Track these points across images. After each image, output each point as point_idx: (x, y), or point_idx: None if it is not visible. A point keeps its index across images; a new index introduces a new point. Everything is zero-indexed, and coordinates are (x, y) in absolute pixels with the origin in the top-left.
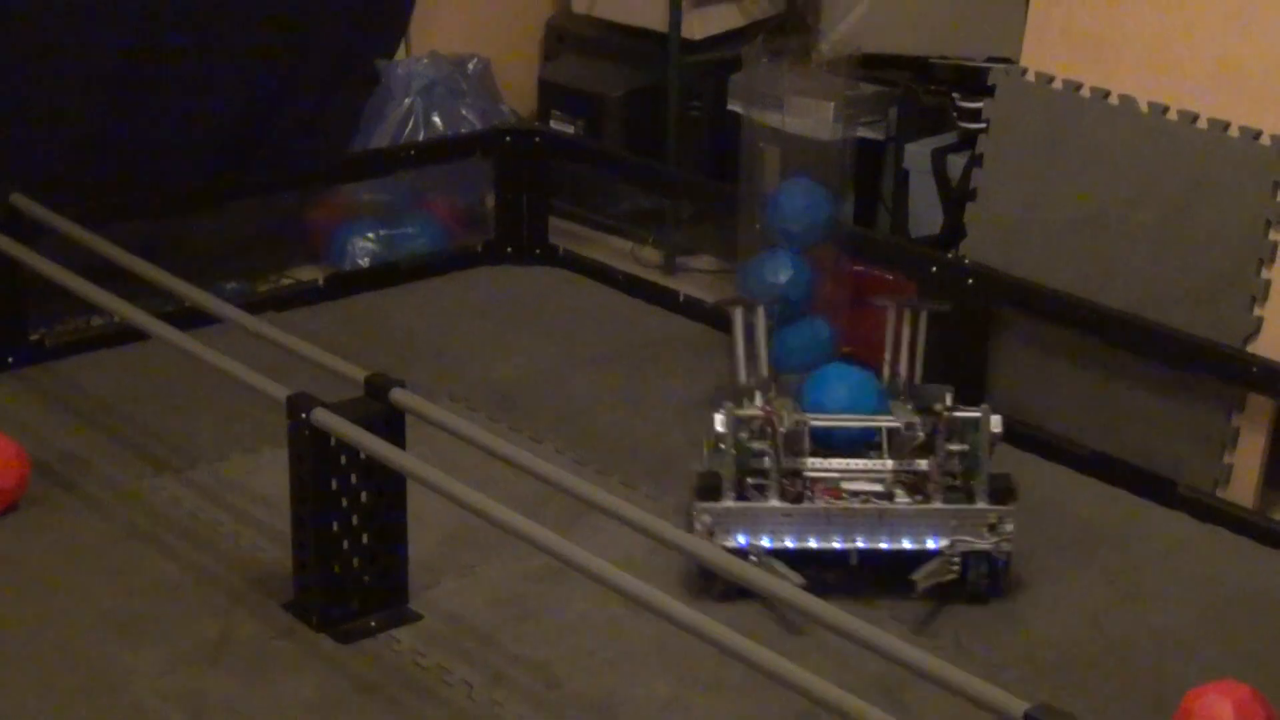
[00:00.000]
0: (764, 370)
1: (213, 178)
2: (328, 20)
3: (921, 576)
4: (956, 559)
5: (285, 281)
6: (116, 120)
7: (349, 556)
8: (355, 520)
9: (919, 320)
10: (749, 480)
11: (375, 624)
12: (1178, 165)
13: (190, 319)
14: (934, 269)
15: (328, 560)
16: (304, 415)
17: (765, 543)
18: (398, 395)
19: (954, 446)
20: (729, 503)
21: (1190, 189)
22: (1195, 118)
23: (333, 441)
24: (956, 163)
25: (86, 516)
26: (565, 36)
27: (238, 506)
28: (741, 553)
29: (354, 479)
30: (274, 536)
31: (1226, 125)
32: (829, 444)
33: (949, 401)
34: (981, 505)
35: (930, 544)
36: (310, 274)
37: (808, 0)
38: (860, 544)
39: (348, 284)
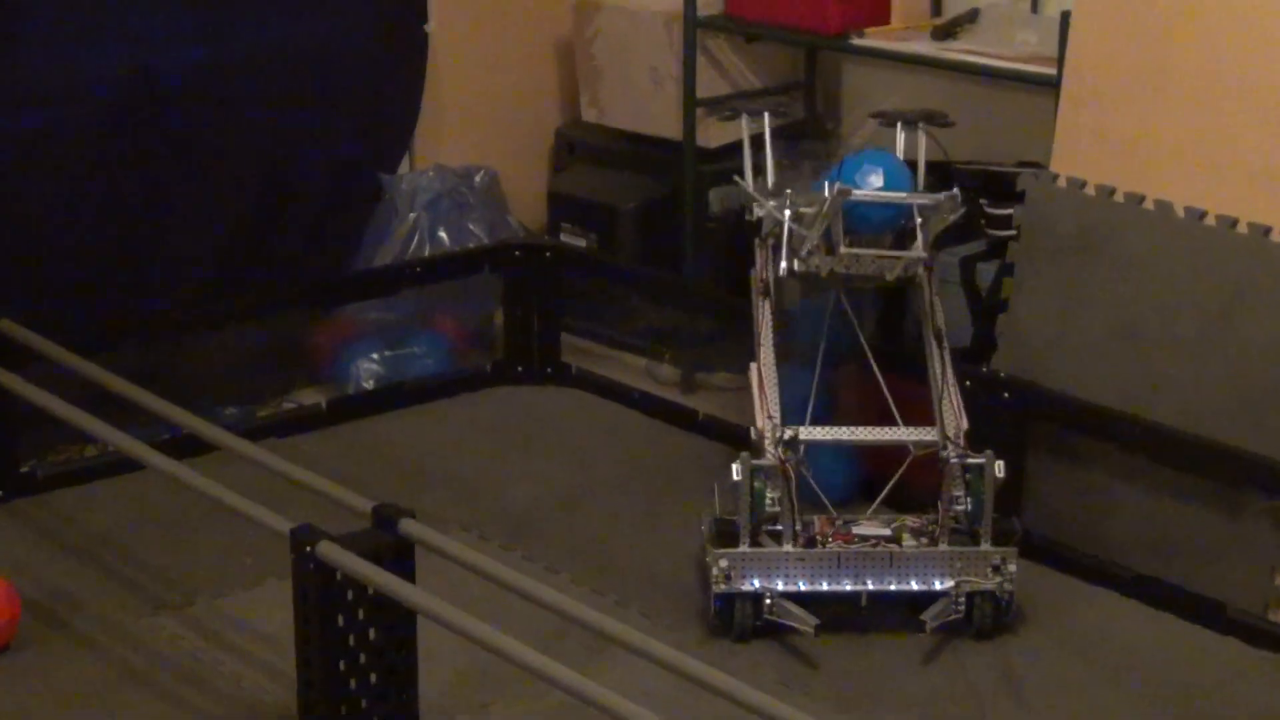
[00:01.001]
0: (770, 181)
1: (209, 299)
2: (328, 132)
3: (930, 616)
4: (961, 599)
5: (287, 406)
6: (107, 241)
7: (357, 698)
8: (363, 659)
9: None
10: (764, 526)
11: None
12: (1218, 272)
13: (188, 447)
14: (966, 383)
15: (335, 702)
16: (309, 549)
17: (779, 585)
18: (407, 526)
19: (958, 492)
20: (744, 548)
21: (1232, 297)
22: (1235, 223)
23: (339, 576)
24: (986, 272)
25: (80, 658)
26: (575, 146)
27: (240, 645)
28: (756, 596)
29: (362, 615)
30: (278, 677)
31: (1268, 230)
32: (865, 225)
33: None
34: (985, 547)
35: (937, 585)
36: (313, 398)
37: (827, 105)
38: (870, 586)
39: (352, 408)
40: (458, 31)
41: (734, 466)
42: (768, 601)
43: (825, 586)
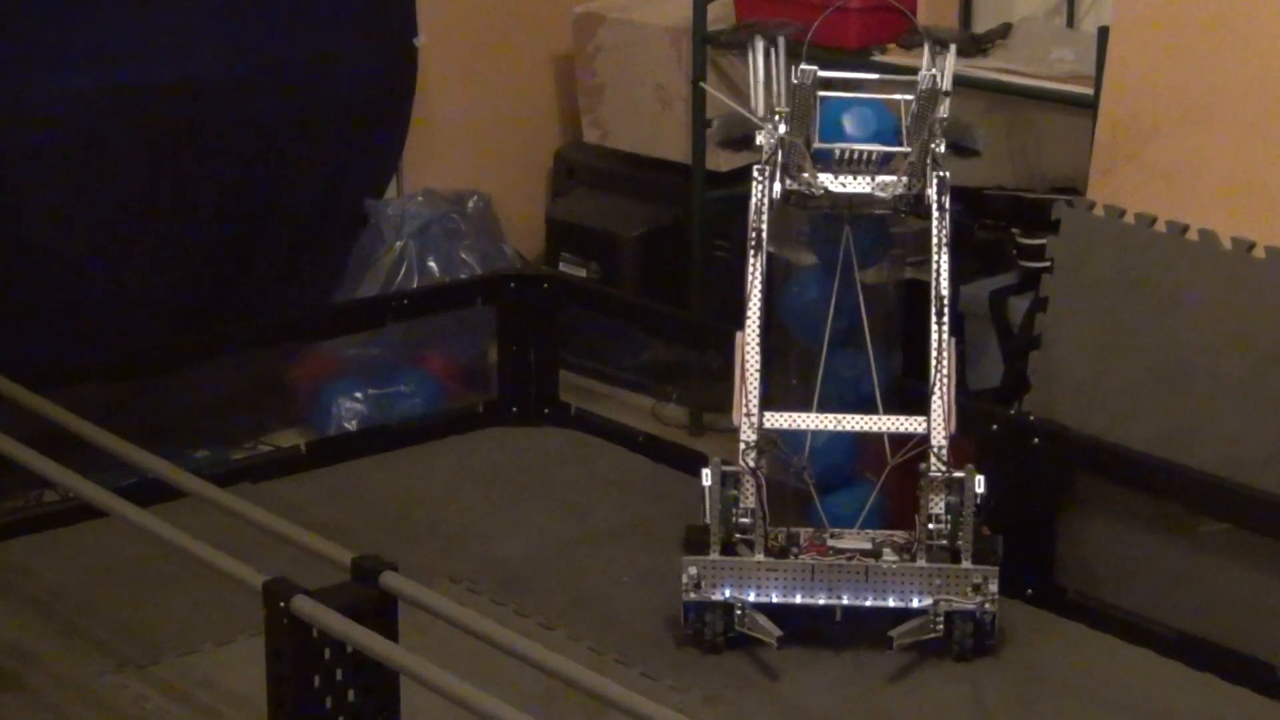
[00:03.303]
0: (776, 100)
1: (180, 333)
2: (310, 154)
3: (899, 634)
4: (940, 618)
5: (262, 448)
6: (68, 268)
7: None
8: None
9: None
10: (737, 535)
11: None
12: (1267, 309)
13: (155, 493)
14: (994, 426)
15: None
16: (283, 604)
17: (750, 596)
18: (389, 579)
19: (937, 510)
20: (714, 556)
21: None
22: None
23: (316, 633)
24: (1018, 306)
25: None
26: (576, 170)
27: (209, 706)
28: (726, 605)
29: (340, 675)
30: None
31: None
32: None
33: None
34: (966, 565)
35: (915, 602)
36: (290, 439)
37: None
38: (845, 600)
39: (333, 450)
40: (450, 45)
41: (704, 471)
42: (738, 612)
43: (798, 599)
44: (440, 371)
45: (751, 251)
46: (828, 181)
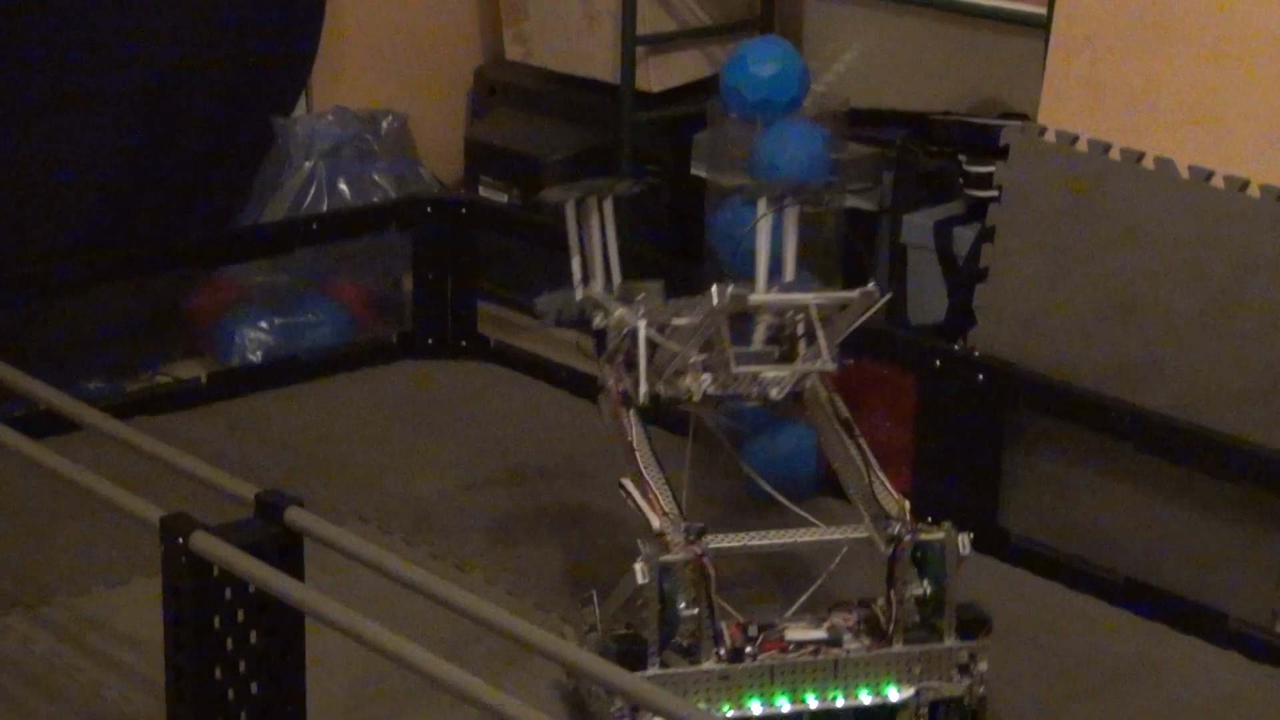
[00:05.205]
0: (615, 274)
1: (74, 257)
2: (212, 69)
3: None
4: (924, 710)
5: (161, 380)
6: None
7: (235, 710)
8: (243, 666)
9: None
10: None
11: None
12: (1225, 241)
13: (45, 425)
14: (937, 362)
15: (210, 715)
16: (181, 540)
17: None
18: (294, 516)
19: (914, 588)
20: (654, 671)
21: (1240, 268)
22: (1245, 184)
23: (216, 571)
24: (964, 237)
25: None
26: (497, 89)
27: (101, 650)
28: None
29: (241, 616)
30: (145, 686)
31: None
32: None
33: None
34: (950, 643)
35: (892, 695)
36: (191, 370)
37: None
38: (812, 704)
39: (236, 383)
40: None
41: (637, 568)
42: None
43: (758, 710)
44: (351, 300)
45: (621, 410)
46: (713, 385)
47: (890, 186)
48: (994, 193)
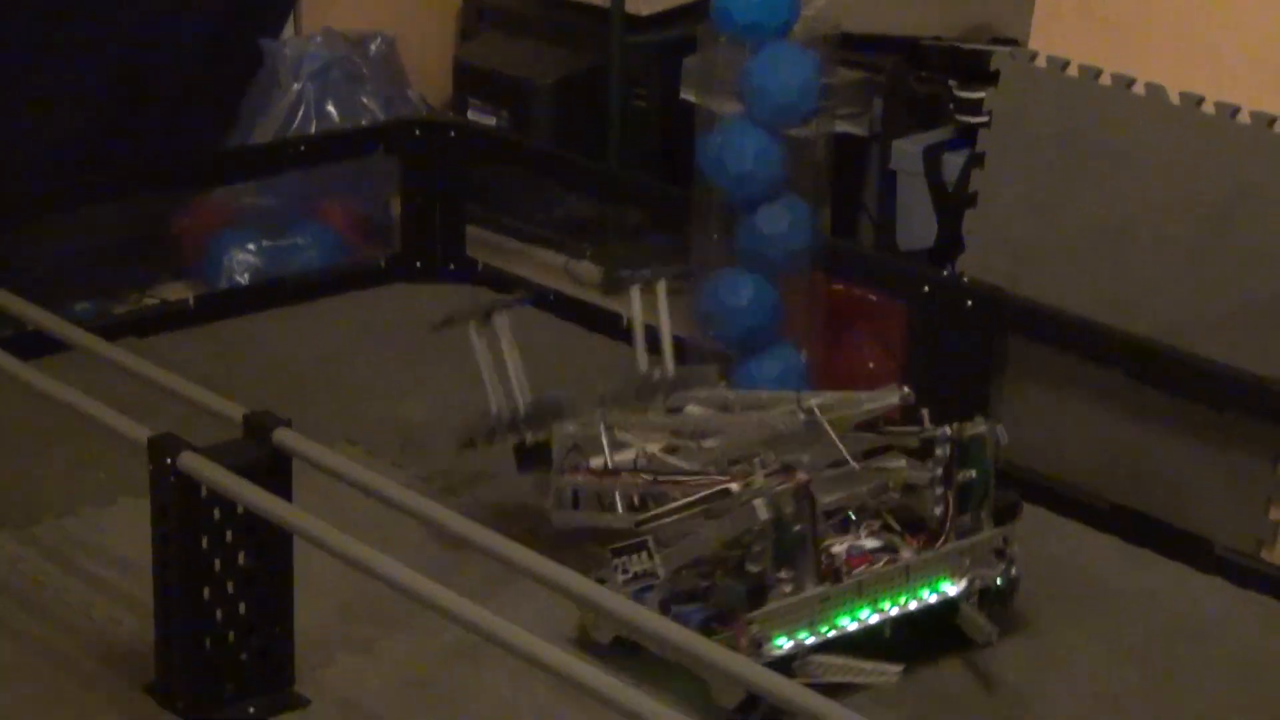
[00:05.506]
0: (520, 399)
1: (61, 178)
2: None
3: (984, 634)
4: (974, 598)
5: (148, 301)
6: None
7: (223, 630)
8: (231, 587)
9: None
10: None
11: (254, 710)
12: (1216, 168)
13: (33, 345)
14: (926, 288)
15: (197, 635)
16: (169, 460)
17: (806, 640)
18: (282, 436)
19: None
20: (776, 603)
21: (1231, 195)
22: (1236, 110)
23: (204, 492)
24: (953, 163)
25: None
26: (486, 11)
27: (90, 570)
28: (786, 663)
29: (230, 537)
30: (133, 606)
31: (1273, 120)
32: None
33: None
34: (988, 531)
35: (949, 590)
36: (179, 292)
37: None
38: (892, 611)
39: (223, 305)
40: None
41: (757, 504)
42: (796, 663)
43: (851, 627)
44: (339, 223)
45: None
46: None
47: (880, 111)
48: (984, 118)
